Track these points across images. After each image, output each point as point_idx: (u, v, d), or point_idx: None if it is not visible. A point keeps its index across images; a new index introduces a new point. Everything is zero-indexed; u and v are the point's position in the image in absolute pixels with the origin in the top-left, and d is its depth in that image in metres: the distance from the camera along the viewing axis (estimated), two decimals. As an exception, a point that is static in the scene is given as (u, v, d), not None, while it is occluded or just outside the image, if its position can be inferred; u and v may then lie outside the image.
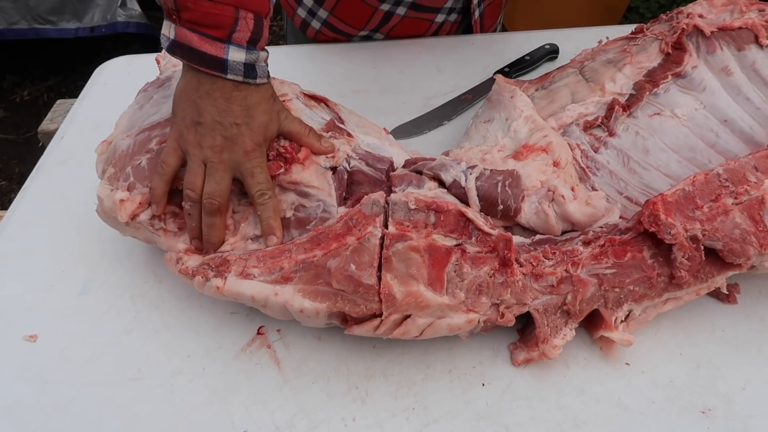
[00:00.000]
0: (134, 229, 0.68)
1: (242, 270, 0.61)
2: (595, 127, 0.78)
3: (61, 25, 2.23)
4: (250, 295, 0.60)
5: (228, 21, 0.59)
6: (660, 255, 0.60)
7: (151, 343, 0.66)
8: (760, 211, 0.59)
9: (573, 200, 0.65)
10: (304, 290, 0.59)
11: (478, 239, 0.61)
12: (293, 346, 0.65)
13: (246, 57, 0.61)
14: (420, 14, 1.04)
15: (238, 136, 0.62)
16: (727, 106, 0.75)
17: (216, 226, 0.64)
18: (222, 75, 0.60)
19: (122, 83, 1.00)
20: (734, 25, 0.78)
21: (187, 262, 0.63)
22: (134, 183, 0.66)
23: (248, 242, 0.65)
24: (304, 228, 0.65)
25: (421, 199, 0.62)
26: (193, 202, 0.63)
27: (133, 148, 0.69)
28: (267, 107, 0.65)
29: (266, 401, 0.61)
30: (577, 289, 0.59)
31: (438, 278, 0.58)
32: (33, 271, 0.74)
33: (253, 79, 0.62)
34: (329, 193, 0.66)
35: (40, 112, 2.39)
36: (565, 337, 0.60)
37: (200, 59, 0.60)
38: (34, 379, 0.63)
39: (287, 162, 0.66)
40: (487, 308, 0.59)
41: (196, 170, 0.63)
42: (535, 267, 0.61)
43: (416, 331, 0.58)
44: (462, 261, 0.60)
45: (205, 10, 0.58)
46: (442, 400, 0.60)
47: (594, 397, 0.59)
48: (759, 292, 0.67)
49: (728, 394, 0.59)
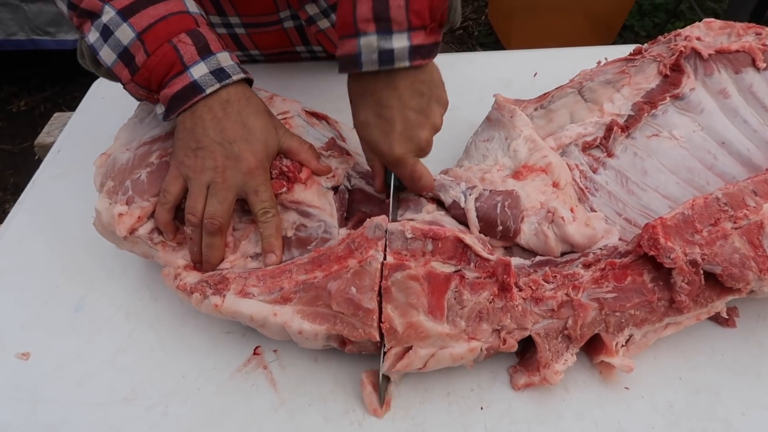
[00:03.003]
0: (132, 243, 0.67)
1: (241, 288, 0.60)
2: (594, 147, 0.78)
3: (59, 36, 2.23)
4: (248, 314, 0.59)
5: (172, 55, 0.61)
6: (660, 279, 0.60)
7: (146, 362, 0.65)
8: (759, 236, 0.59)
9: (573, 222, 0.65)
10: (304, 311, 0.58)
11: (477, 265, 0.61)
12: (290, 367, 0.64)
13: (207, 66, 0.62)
14: (261, 29, 0.96)
15: (240, 153, 0.62)
16: (725, 129, 0.75)
17: (216, 246, 0.63)
18: (202, 94, 0.61)
19: (120, 97, 0.99)
20: (732, 48, 0.78)
21: (186, 279, 0.63)
22: (133, 197, 0.66)
23: (248, 260, 0.65)
24: (304, 248, 0.64)
25: (417, 228, 0.61)
26: (195, 227, 0.63)
27: (132, 161, 0.69)
28: (264, 122, 0.65)
29: (261, 423, 0.60)
30: (577, 314, 0.59)
31: (438, 306, 0.58)
32: (27, 287, 0.73)
33: (229, 78, 0.63)
34: (330, 213, 0.66)
35: (37, 123, 2.38)
36: (567, 363, 0.59)
37: (183, 99, 0.62)
38: (26, 398, 0.62)
39: (290, 181, 0.66)
40: (489, 335, 0.58)
41: (197, 194, 0.63)
42: (535, 291, 0.60)
43: (419, 362, 0.58)
44: (461, 287, 0.59)
45: (152, 66, 0.62)
46: (440, 424, 0.59)
47: (593, 422, 0.59)
48: (758, 316, 0.67)
49: (728, 420, 0.59)
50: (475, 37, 2.77)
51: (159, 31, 0.61)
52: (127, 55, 0.62)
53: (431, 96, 0.63)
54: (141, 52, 0.62)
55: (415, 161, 0.65)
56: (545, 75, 1.02)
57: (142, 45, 0.61)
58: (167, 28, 0.62)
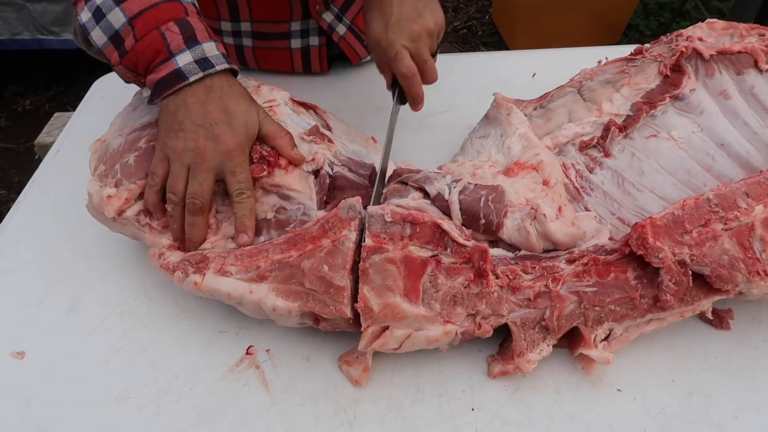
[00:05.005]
0: (121, 225, 0.69)
1: (220, 267, 0.62)
2: (591, 147, 0.78)
3: (63, 36, 2.24)
4: (226, 291, 0.61)
5: (159, 42, 0.64)
6: (645, 277, 0.60)
7: (139, 361, 0.65)
8: (750, 238, 0.58)
9: (555, 220, 0.65)
10: (278, 289, 0.60)
11: (453, 250, 0.62)
12: (282, 367, 0.64)
13: (192, 55, 0.64)
14: (269, 42, 1.00)
15: (220, 135, 0.64)
16: (725, 130, 0.75)
17: (198, 225, 0.65)
18: (186, 81, 0.63)
19: (120, 97, 0.99)
20: (734, 49, 0.77)
21: (169, 258, 0.65)
22: (121, 179, 0.68)
23: (228, 241, 0.67)
24: (283, 230, 0.66)
25: (397, 212, 0.62)
26: (175, 204, 0.65)
27: (123, 146, 0.70)
28: (245, 107, 0.66)
29: (252, 423, 0.60)
30: (554, 305, 0.59)
31: (413, 289, 0.59)
32: (22, 286, 0.74)
33: (212, 68, 0.65)
34: (310, 196, 0.68)
35: (41, 122, 2.39)
36: (542, 353, 0.59)
37: (167, 85, 0.64)
38: (20, 397, 0.63)
39: (270, 165, 0.67)
40: (463, 319, 0.59)
41: (178, 174, 0.64)
42: (512, 280, 0.61)
43: (394, 342, 0.59)
44: (437, 272, 0.60)
45: (140, 51, 0.64)
46: (431, 425, 0.59)
47: (584, 424, 0.59)
48: (752, 318, 0.66)
49: (721, 423, 0.58)
50: (479, 37, 2.76)
51: (149, 17, 0.64)
52: (118, 38, 0.65)
53: (426, 4, 0.75)
54: (130, 36, 0.64)
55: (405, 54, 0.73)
56: (544, 76, 1.02)
57: (132, 30, 0.64)
58: (157, 16, 0.64)
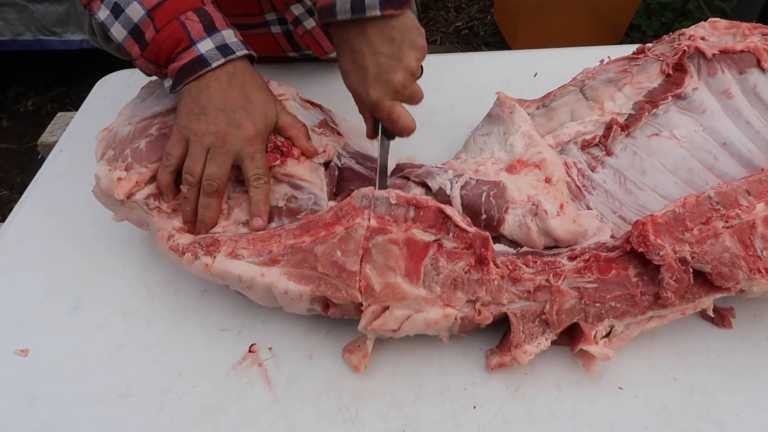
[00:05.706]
0: (129, 208, 0.69)
1: (232, 250, 0.62)
2: (593, 145, 0.78)
3: (65, 36, 2.24)
4: (237, 274, 0.61)
5: (180, 31, 0.65)
6: (646, 274, 0.60)
7: (142, 359, 0.66)
8: (751, 236, 0.58)
9: (556, 216, 0.65)
10: (290, 273, 0.60)
11: (456, 235, 0.62)
12: (284, 364, 0.65)
13: (213, 42, 0.65)
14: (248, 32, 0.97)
15: (241, 121, 0.65)
16: (727, 129, 0.75)
17: (212, 206, 0.66)
18: (208, 67, 0.65)
19: (123, 97, 0.99)
20: (736, 48, 0.77)
21: (179, 240, 0.65)
22: (132, 163, 0.68)
23: (239, 227, 0.67)
24: (294, 218, 0.67)
25: (402, 195, 0.63)
26: (191, 186, 0.65)
27: (133, 133, 0.71)
28: (265, 97, 0.68)
29: (255, 421, 0.60)
30: (554, 299, 0.60)
31: (415, 270, 0.60)
32: (26, 284, 0.74)
33: (233, 53, 0.66)
34: (321, 187, 0.69)
35: (44, 122, 2.39)
36: (540, 346, 0.60)
37: (190, 71, 0.65)
38: (23, 394, 0.63)
39: (283, 155, 0.69)
40: (463, 304, 0.60)
41: (197, 156, 0.65)
42: (513, 271, 0.61)
43: (394, 323, 0.59)
44: (438, 255, 0.61)
45: (161, 41, 0.65)
46: (433, 422, 0.59)
47: (586, 422, 0.59)
48: (754, 317, 0.67)
49: (722, 421, 0.58)
50: (481, 37, 2.76)
51: (167, 8, 0.65)
52: (137, 31, 0.66)
53: (403, 41, 0.65)
54: (150, 28, 0.65)
55: (392, 104, 0.67)
56: (545, 76, 1.02)
57: (151, 22, 0.65)
58: (175, 6, 0.65)
